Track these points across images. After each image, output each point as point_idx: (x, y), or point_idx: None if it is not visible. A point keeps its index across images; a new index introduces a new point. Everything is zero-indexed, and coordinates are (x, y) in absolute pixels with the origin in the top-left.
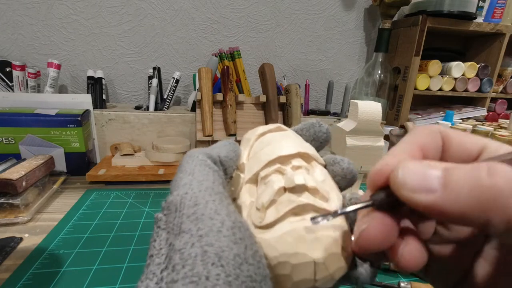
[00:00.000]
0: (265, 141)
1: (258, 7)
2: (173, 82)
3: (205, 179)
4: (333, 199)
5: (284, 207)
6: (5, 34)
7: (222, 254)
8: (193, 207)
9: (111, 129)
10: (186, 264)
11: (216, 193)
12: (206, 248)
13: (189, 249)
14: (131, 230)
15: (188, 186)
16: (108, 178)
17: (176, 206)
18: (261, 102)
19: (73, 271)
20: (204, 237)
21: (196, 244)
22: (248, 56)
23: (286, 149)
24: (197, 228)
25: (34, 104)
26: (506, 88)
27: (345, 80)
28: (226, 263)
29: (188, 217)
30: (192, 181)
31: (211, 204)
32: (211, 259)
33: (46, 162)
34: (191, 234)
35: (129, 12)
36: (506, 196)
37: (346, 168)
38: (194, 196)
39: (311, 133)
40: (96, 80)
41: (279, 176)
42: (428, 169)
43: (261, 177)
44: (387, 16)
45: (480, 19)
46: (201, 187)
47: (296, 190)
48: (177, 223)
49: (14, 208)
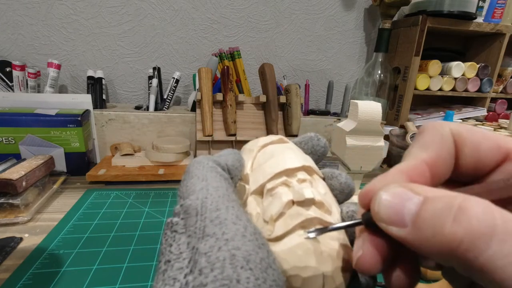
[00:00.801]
0: (268, 152)
1: (258, 7)
2: (173, 82)
3: (219, 185)
4: (334, 213)
5: (293, 221)
6: (5, 34)
7: (250, 258)
8: (215, 211)
9: (111, 129)
10: (214, 268)
11: (232, 200)
12: (233, 251)
13: (216, 253)
14: (131, 230)
15: (206, 191)
16: (108, 178)
17: (196, 210)
18: (261, 102)
19: (73, 271)
20: (231, 241)
21: (223, 248)
22: (248, 56)
23: (292, 162)
24: (222, 232)
25: (34, 104)
26: (506, 88)
27: (345, 80)
28: (254, 266)
29: (211, 221)
30: (208, 187)
31: (231, 210)
32: (240, 262)
33: (46, 162)
34: (217, 238)
35: (129, 12)
36: (463, 250)
37: (344, 183)
38: (215, 201)
39: (309, 146)
40: (96, 80)
41: (285, 189)
42: (404, 201)
43: (268, 189)
44: (387, 16)
45: (480, 19)
46: (219, 193)
47: (304, 204)
48: (199, 227)
49: (14, 208)
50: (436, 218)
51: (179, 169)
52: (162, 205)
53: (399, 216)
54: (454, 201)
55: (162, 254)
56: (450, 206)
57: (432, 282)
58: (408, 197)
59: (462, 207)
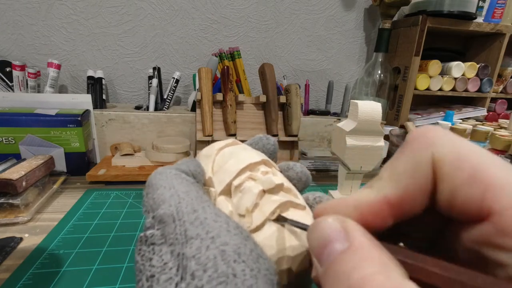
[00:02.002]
0: (226, 154)
1: (258, 7)
2: (173, 82)
3: (188, 190)
4: (300, 198)
5: (269, 208)
6: (5, 34)
7: (240, 251)
8: (193, 213)
9: (111, 129)
10: (207, 268)
11: (206, 200)
12: (222, 247)
13: (205, 253)
14: (131, 230)
15: (177, 197)
16: (108, 178)
17: (173, 216)
18: (261, 102)
19: (73, 271)
20: (217, 238)
21: (211, 246)
22: (248, 56)
23: (253, 158)
24: (206, 231)
25: (34, 104)
26: (506, 88)
27: (345, 80)
28: (246, 258)
29: (191, 223)
30: (178, 193)
31: (208, 209)
32: (232, 257)
33: (46, 162)
34: (201, 238)
35: (129, 12)
36: None
37: (300, 172)
38: (189, 204)
39: (259, 146)
40: (96, 80)
41: (252, 182)
42: (329, 242)
43: (235, 186)
44: (387, 16)
45: (480, 19)
46: (191, 196)
47: (274, 191)
48: (180, 232)
49: (14, 208)
50: (337, 279)
51: None
52: None
53: (320, 252)
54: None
55: (140, 271)
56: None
57: None
58: (335, 239)
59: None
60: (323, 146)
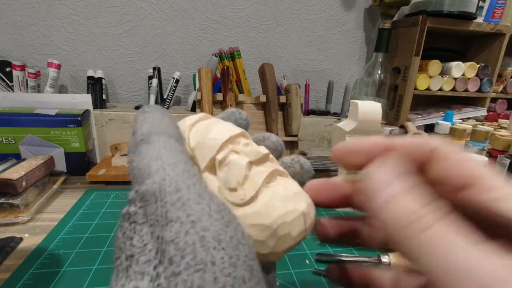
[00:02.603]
0: (201, 129)
1: (258, 7)
2: (173, 82)
3: (176, 161)
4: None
5: (260, 178)
6: (5, 34)
7: (220, 238)
8: (175, 193)
9: (111, 129)
10: (185, 254)
11: (193, 176)
12: (202, 233)
13: (184, 237)
14: None
15: (162, 172)
16: (108, 178)
17: (155, 195)
18: (261, 102)
19: (73, 271)
20: (197, 223)
21: (190, 231)
22: (248, 56)
23: (233, 130)
24: (187, 214)
25: (34, 104)
26: (506, 88)
27: (345, 80)
28: (226, 245)
29: (172, 204)
30: (164, 165)
31: (193, 188)
32: (211, 243)
33: (46, 162)
34: (181, 221)
35: (129, 12)
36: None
37: (276, 141)
38: (173, 181)
39: (232, 120)
40: (96, 80)
41: (236, 155)
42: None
43: (219, 161)
44: (387, 16)
45: (480, 19)
46: (177, 170)
47: (261, 162)
48: (161, 213)
49: (14, 208)
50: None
51: None
52: None
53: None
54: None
55: (120, 249)
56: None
57: None
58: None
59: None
60: (323, 146)
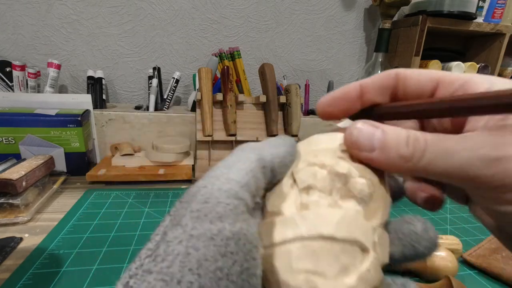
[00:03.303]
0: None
1: (258, 7)
2: (173, 82)
3: (236, 179)
4: None
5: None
6: (5, 34)
7: (204, 263)
8: (201, 203)
9: (111, 129)
10: (166, 259)
11: (236, 198)
12: (190, 250)
13: (175, 245)
14: (131, 230)
15: (213, 180)
16: (108, 178)
17: (190, 196)
18: (261, 102)
19: (73, 271)
20: (194, 239)
21: (183, 243)
22: (248, 56)
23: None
24: (192, 227)
25: (34, 104)
26: None
27: (345, 80)
28: (204, 273)
29: (191, 212)
30: (222, 176)
31: (220, 208)
32: (191, 264)
33: (46, 162)
34: (185, 230)
35: (129, 12)
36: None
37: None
38: (209, 192)
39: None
40: (96, 80)
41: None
42: (373, 131)
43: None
44: (387, 16)
45: (480, 19)
46: (225, 186)
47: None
48: (180, 214)
49: (14, 208)
50: (395, 143)
51: (179, 169)
52: (162, 205)
53: (369, 142)
54: (403, 133)
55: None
56: (403, 136)
57: (432, 282)
58: (376, 128)
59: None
60: None
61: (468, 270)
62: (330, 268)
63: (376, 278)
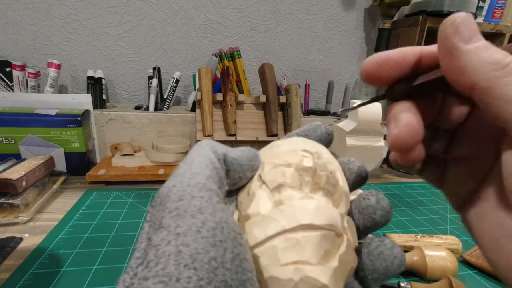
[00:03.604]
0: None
1: (258, 7)
2: (173, 82)
3: (200, 172)
4: None
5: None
6: (5, 34)
7: (197, 257)
8: (176, 202)
9: (111, 129)
10: (159, 262)
11: (207, 190)
12: (181, 248)
13: (164, 247)
14: (131, 230)
15: (180, 178)
16: (108, 178)
17: (161, 199)
18: (261, 102)
19: (73, 271)
20: (181, 236)
21: (172, 243)
22: (248, 56)
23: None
24: (176, 225)
25: (34, 104)
26: None
27: (345, 80)
28: (199, 266)
29: (170, 212)
30: (186, 173)
31: (196, 201)
32: (185, 260)
33: (46, 162)
34: (169, 231)
35: (129, 12)
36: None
37: (362, 167)
38: (181, 190)
39: (316, 135)
40: (96, 80)
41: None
42: (473, 25)
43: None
44: (387, 16)
45: (480, 19)
46: (192, 181)
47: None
48: (158, 217)
49: (14, 208)
50: (494, 47)
51: None
52: None
53: (470, 34)
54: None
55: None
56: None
57: (432, 282)
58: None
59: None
60: None
61: (468, 270)
62: (314, 255)
63: (352, 259)
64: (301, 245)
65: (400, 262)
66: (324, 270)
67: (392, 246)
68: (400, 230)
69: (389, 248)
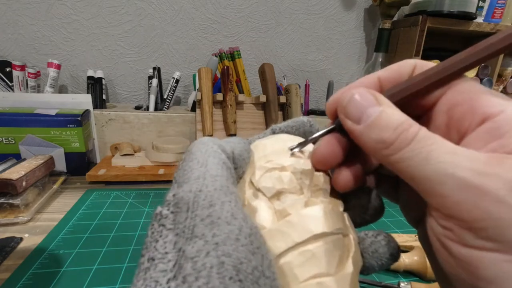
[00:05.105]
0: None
1: (258, 7)
2: (173, 82)
3: (219, 174)
4: None
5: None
6: (5, 34)
7: (241, 267)
8: (208, 208)
9: (111, 129)
10: (200, 276)
11: (231, 193)
12: (223, 258)
13: (204, 258)
14: (131, 230)
15: (202, 182)
16: (108, 178)
17: (188, 205)
18: (261, 102)
19: (73, 271)
20: (221, 246)
21: (211, 253)
22: (248, 56)
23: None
24: (213, 234)
25: (34, 104)
26: (506, 88)
27: (345, 80)
28: (244, 277)
29: (202, 220)
30: (206, 175)
31: (227, 206)
32: (229, 272)
33: (46, 162)
34: (206, 240)
35: (129, 12)
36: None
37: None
38: (209, 195)
39: (301, 131)
40: (96, 80)
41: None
42: (368, 105)
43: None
44: (387, 16)
45: (480, 19)
46: (216, 185)
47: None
48: (188, 226)
49: (14, 208)
50: (385, 125)
51: None
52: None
53: (358, 114)
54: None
55: (146, 248)
56: (397, 121)
57: (432, 282)
58: (372, 104)
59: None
60: None
61: None
62: (331, 265)
63: (360, 257)
64: (316, 257)
65: (395, 258)
66: (344, 278)
67: (386, 243)
68: (400, 230)
69: (383, 246)
